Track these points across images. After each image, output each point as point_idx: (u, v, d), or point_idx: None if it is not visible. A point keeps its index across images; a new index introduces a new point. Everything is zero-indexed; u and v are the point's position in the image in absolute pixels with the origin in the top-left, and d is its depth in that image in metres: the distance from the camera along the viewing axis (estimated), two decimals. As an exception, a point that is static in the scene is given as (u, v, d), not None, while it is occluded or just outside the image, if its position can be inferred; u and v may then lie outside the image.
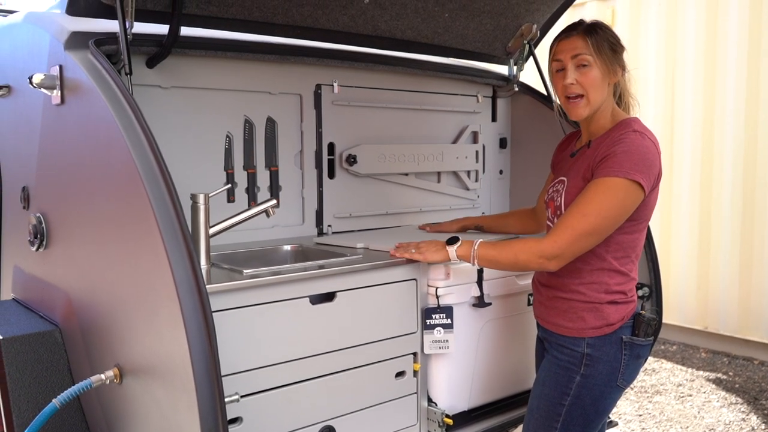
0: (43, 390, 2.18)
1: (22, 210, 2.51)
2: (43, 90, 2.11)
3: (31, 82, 2.08)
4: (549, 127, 3.19)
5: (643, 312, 2.02)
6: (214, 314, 1.66)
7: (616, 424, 3.04)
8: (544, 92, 3.22)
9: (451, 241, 2.17)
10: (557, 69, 2.05)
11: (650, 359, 4.87)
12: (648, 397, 4.26)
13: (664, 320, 3.22)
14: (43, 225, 2.33)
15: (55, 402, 1.82)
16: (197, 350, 1.57)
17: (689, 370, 4.75)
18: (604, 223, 1.89)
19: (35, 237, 2.35)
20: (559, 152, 2.35)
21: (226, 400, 1.67)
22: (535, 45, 3.23)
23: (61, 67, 2.08)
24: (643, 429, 3.77)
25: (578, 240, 1.90)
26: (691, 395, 4.27)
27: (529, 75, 3.43)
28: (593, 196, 1.90)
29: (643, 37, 5.57)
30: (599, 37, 1.99)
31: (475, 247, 2.08)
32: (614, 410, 3.80)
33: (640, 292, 2.82)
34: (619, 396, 2.06)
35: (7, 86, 2.56)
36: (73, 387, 1.85)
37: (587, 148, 2.06)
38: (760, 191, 4.89)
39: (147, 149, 1.71)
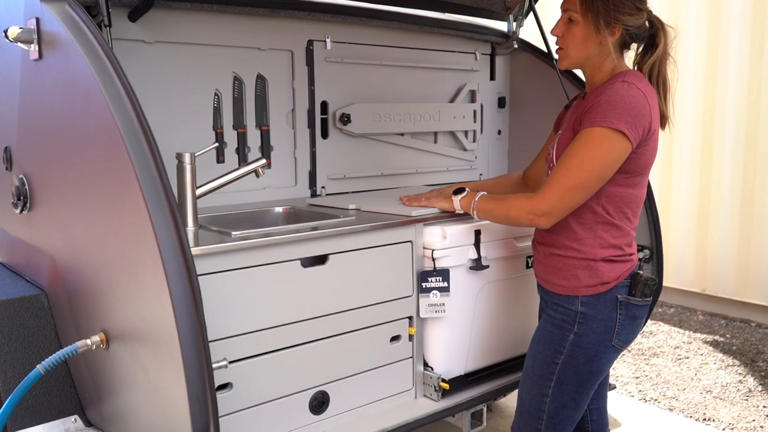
0: (29, 355, 2.14)
1: (5, 171, 2.44)
2: (20, 44, 2.01)
3: (6, 36, 1.98)
4: (549, 87, 3.10)
5: (640, 272, 1.97)
6: (201, 278, 1.61)
7: (614, 386, 3.02)
8: (545, 49, 3.12)
9: (458, 191, 2.23)
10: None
11: (648, 322, 4.85)
12: (645, 359, 4.25)
13: (663, 283, 3.17)
14: (26, 186, 2.26)
15: (40, 368, 1.78)
16: (182, 314, 1.52)
17: (687, 332, 4.75)
18: (589, 175, 1.84)
19: (18, 199, 2.28)
20: (564, 111, 2.29)
21: (214, 365, 1.63)
22: (536, 0, 3.12)
23: (37, 19, 1.98)
24: (640, 391, 3.76)
25: (566, 195, 1.86)
26: (688, 357, 4.27)
27: (529, 31, 3.32)
28: (578, 149, 1.86)
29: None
30: None
31: (476, 199, 2.12)
32: (611, 372, 3.79)
33: (641, 255, 2.76)
34: (615, 357, 2.02)
35: (-15, 42, 2.46)
36: (58, 352, 1.80)
37: (581, 100, 2.01)
38: (761, 154, 4.82)
39: (127, 105, 1.63)
